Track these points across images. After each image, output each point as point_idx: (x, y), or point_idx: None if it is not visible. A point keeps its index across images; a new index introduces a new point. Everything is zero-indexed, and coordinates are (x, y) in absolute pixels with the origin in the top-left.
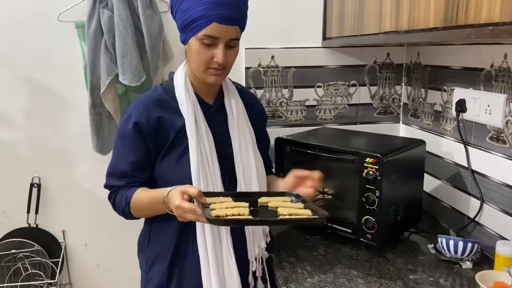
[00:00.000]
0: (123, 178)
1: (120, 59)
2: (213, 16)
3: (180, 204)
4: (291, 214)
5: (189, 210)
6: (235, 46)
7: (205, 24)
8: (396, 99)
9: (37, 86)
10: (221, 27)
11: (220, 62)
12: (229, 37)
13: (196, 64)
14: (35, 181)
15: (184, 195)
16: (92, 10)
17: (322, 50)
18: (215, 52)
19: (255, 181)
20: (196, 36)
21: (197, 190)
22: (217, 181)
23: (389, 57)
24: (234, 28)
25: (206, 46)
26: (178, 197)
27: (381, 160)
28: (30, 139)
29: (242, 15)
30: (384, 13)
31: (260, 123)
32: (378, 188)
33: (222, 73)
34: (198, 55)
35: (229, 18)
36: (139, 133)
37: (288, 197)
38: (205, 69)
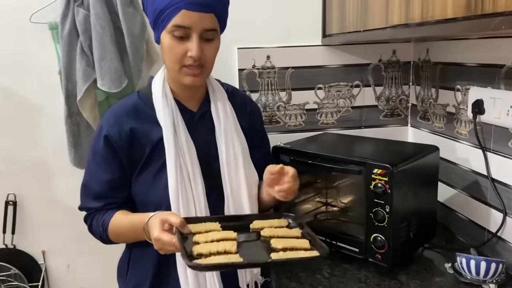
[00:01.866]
0: (99, 199)
1: (98, 62)
2: (181, 2)
3: (159, 237)
4: (285, 248)
5: (169, 243)
6: (213, 40)
7: (173, 12)
8: (404, 100)
9: (10, 94)
10: (192, 14)
11: (194, 55)
12: (203, 26)
13: (169, 62)
14: (10, 199)
15: (164, 224)
16: (66, 9)
17: (322, 48)
18: (189, 46)
19: (246, 200)
20: (166, 29)
21: (179, 220)
22: (201, 202)
23: (395, 54)
24: (208, 16)
25: (178, 39)
26: (158, 227)
27: (391, 171)
28: (3, 152)
29: (217, 2)
30: (391, 4)
31: (255, 125)
32: (388, 202)
33: (200, 72)
34: (170, 51)
35: (201, 3)
36: (110, 148)
37: (285, 220)
38: (180, 67)
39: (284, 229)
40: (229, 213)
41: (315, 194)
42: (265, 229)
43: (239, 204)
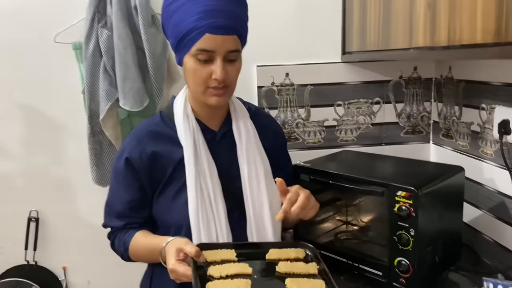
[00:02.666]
0: (121, 218)
1: (120, 82)
2: (205, 26)
3: (174, 268)
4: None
5: (184, 275)
6: (236, 60)
7: (197, 36)
8: (425, 117)
9: (34, 112)
10: (216, 38)
11: (219, 78)
12: (226, 49)
13: (193, 84)
14: (32, 215)
15: (180, 253)
16: (90, 30)
17: (342, 65)
18: (213, 69)
19: (268, 220)
20: (189, 52)
21: (195, 250)
22: (221, 223)
23: (416, 71)
24: (231, 38)
25: (201, 62)
26: (173, 256)
27: (416, 194)
28: (27, 169)
29: (239, 23)
30: (416, 26)
31: (278, 147)
32: (413, 225)
33: (224, 92)
34: (194, 74)
35: (224, 27)
36: (131, 169)
37: (302, 250)
38: (204, 89)
39: (300, 264)
40: (251, 232)
41: (335, 213)
42: (281, 263)
43: (261, 224)
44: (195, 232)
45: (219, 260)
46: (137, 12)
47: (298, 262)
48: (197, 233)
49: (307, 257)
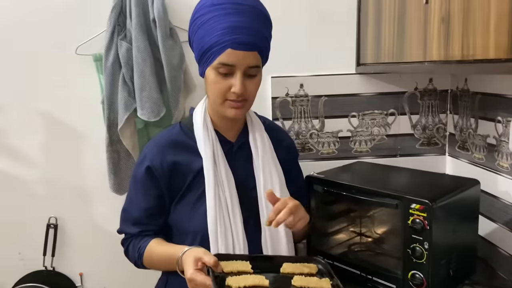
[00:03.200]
0: (137, 225)
1: (138, 92)
2: (227, 41)
3: (193, 277)
4: None
5: (202, 284)
6: (256, 75)
7: (219, 50)
8: (441, 128)
9: (55, 121)
10: (237, 53)
11: (237, 92)
12: (247, 64)
13: (213, 96)
14: (51, 222)
15: (198, 262)
16: (110, 42)
17: (356, 76)
18: (233, 82)
19: (282, 230)
20: (211, 65)
21: (213, 260)
22: (238, 231)
23: (431, 82)
24: (252, 54)
25: (222, 75)
26: (192, 265)
27: (430, 207)
28: (46, 177)
29: (261, 40)
30: (430, 40)
31: (291, 160)
32: (427, 239)
33: (243, 105)
34: (214, 86)
35: (246, 43)
36: (151, 177)
37: (314, 265)
38: (223, 101)
39: (315, 279)
40: (265, 242)
41: (349, 224)
42: (296, 277)
43: (276, 234)
44: (212, 240)
45: (236, 271)
46: (155, 25)
47: (312, 277)
48: (215, 241)
49: (320, 271)
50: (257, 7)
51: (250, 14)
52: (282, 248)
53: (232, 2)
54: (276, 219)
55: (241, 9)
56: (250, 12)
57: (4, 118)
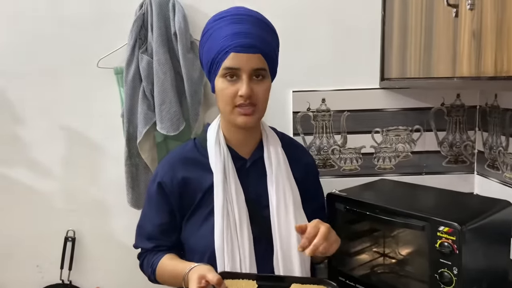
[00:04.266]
0: (151, 240)
1: (158, 106)
2: (230, 46)
3: None
4: None
5: None
6: (263, 78)
7: (223, 57)
8: (469, 146)
9: (75, 134)
10: (240, 56)
11: (244, 94)
12: (251, 66)
13: (222, 104)
14: (69, 235)
15: (201, 280)
16: (131, 55)
17: (380, 91)
18: (239, 86)
19: (295, 251)
20: (218, 73)
21: (216, 278)
22: (245, 250)
23: (459, 98)
24: (255, 56)
25: (229, 81)
26: (195, 283)
27: (459, 230)
28: (66, 189)
29: (263, 43)
30: (460, 55)
31: (309, 178)
32: (456, 264)
33: (252, 111)
34: (222, 93)
35: (247, 45)
36: (163, 194)
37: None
38: (232, 108)
39: None
40: (277, 263)
41: (372, 244)
42: None
43: (288, 255)
44: (219, 258)
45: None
46: (176, 39)
47: None
48: (221, 259)
49: None
50: (258, 17)
51: (251, 22)
52: (295, 269)
53: (233, 13)
54: (311, 246)
55: (242, 18)
56: (251, 20)
57: (26, 131)
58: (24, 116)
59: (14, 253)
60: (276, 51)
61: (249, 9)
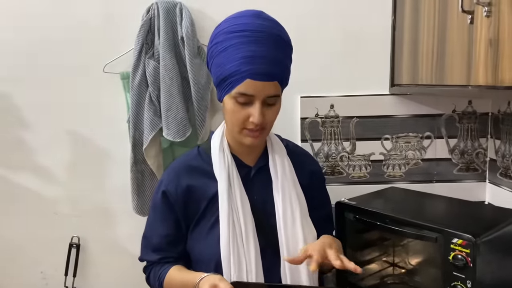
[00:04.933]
0: (157, 252)
1: (164, 112)
2: (246, 72)
3: None
4: None
5: None
6: (275, 104)
7: (238, 81)
8: (481, 154)
9: (80, 139)
10: (256, 83)
11: (256, 122)
12: (266, 94)
13: (231, 124)
14: (74, 241)
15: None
16: (137, 60)
17: (390, 97)
18: (251, 112)
19: None
20: (230, 94)
21: (229, 287)
22: (251, 261)
23: (471, 105)
24: (271, 84)
25: (240, 104)
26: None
27: (474, 243)
28: (71, 195)
29: (281, 69)
30: (476, 62)
31: (315, 186)
32: (470, 277)
33: (260, 134)
34: (232, 115)
35: (266, 73)
36: (167, 203)
37: None
38: (240, 129)
39: None
40: (284, 272)
41: (381, 254)
42: None
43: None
44: (225, 268)
45: None
46: (183, 43)
47: None
48: (227, 270)
49: None
50: (276, 33)
51: (269, 42)
52: (303, 279)
53: (251, 30)
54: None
55: (259, 36)
56: (269, 39)
57: (32, 135)
58: (29, 121)
59: (18, 259)
60: (289, 66)
61: (266, 20)
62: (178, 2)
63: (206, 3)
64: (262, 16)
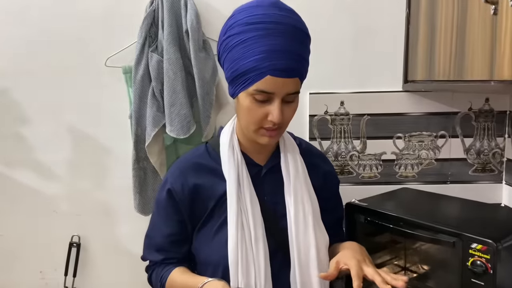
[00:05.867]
0: (160, 252)
1: (168, 108)
2: (266, 68)
3: None
4: None
5: None
6: (294, 101)
7: (257, 77)
8: (498, 154)
9: (81, 135)
10: (276, 80)
11: (275, 121)
12: (286, 91)
13: (246, 122)
14: (74, 240)
15: None
16: (140, 54)
17: (403, 94)
18: (270, 110)
19: (314, 266)
20: (246, 90)
21: None
22: (260, 266)
23: (488, 103)
24: (293, 81)
25: (258, 102)
26: None
27: (495, 248)
28: (71, 193)
29: (302, 64)
30: (500, 55)
31: (328, 188)
32: (490, 284)
33: (277, 133)
34: (248, 113)
35: (287, 69)
36: (172, 201)
37: None
38: (257, 128)
39: None
40: (294, 278)
41: (392, 257)
42: None
43: (307, 270)
44: (233, 273)
45: None
46: (188, 37)
47: None
48: (235, 275)
49: None
50: (297, 25)
51: (290, 35)
52: (314, 286)
53: (270, 21)
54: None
55: (279, 29)
56: (290, 32)
57: (31, 131)
58: (29, 117)
59: (17, 258)
60: (308, 59)
61: (283, 9)
62: None
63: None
64: (279, 6)
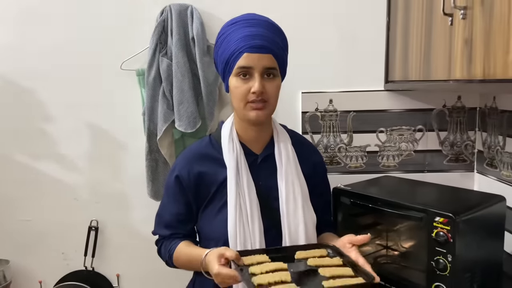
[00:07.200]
0: (168, 228)
1: (176, 106)
2: (243, 47)
3: (220, 271)
4: (333, 276)
5: (229, 276)
6: (274, 77)
7: (237, 56)
8: (469, 145)
9: (99, 131)
10: (253, 56)
11: (256, 91)
12: (263, 65)
13: (236, 101)
14: (93, 224)
15: (221, 258)
16: (152, 58)
17: (385, 93)
18: (251, 83)
19: (302, 239)
20: (232, 73)
21: (235, 254)
22: (255, 239)
23: (460, 100)
24: (267, 56)
25: (242, 80)
26: (216, 262)
27: (454, 220)
28: (90, 182)
29: (275, 45)
30: (454, 60)
31: (317, 176)
32: (450, 251)
33: (264, 106)
34: (236, 91)
35: (260, 46)
36: (180, 186)
37: (324, 250)
38: (245, 104)
39: (327, 259)
40: None
41: (376, 237)
42: (310, 259)
43: (296, 242)
44: (232, 246)
45: (256, 262)
46: (194, 43)
47: (324, 258)
48: (233, 247)
49: (328, 254)
50: (270, 21)
51: (263, 25)
52: None
53: (246, 18)
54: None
55: (255, 22)
56: (263, 24)
57: (54, 128)
58: (52, 114)
59: (41, 241)
60: (285, 53)
61: (260, 15)
62: (189, 5)
63: (214, 6)
64: (258, 14)
